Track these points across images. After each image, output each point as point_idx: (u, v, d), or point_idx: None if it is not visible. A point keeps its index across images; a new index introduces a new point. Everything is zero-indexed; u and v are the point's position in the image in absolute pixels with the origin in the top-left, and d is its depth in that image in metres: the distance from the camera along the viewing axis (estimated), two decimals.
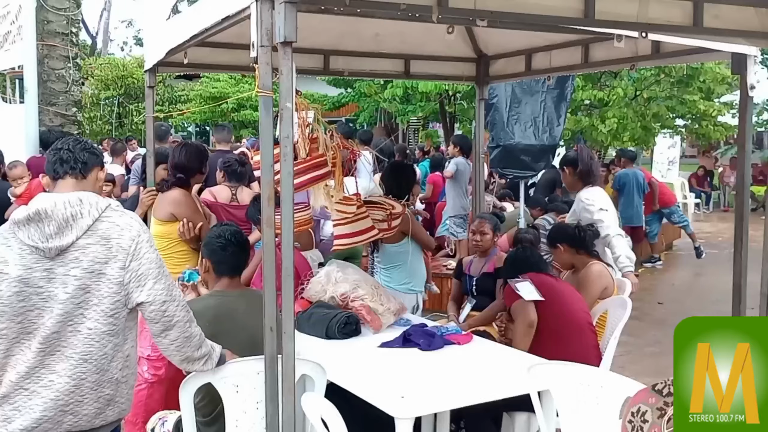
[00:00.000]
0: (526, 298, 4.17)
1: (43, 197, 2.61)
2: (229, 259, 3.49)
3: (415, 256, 5.23)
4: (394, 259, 5.19)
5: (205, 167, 4.83)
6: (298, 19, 2.79)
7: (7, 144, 8.11)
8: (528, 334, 4.19)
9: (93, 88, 20.96)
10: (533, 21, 3.61)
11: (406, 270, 5.19)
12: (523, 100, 7.59)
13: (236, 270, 3.53)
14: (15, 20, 9.34)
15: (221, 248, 3.50)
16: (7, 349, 2.57)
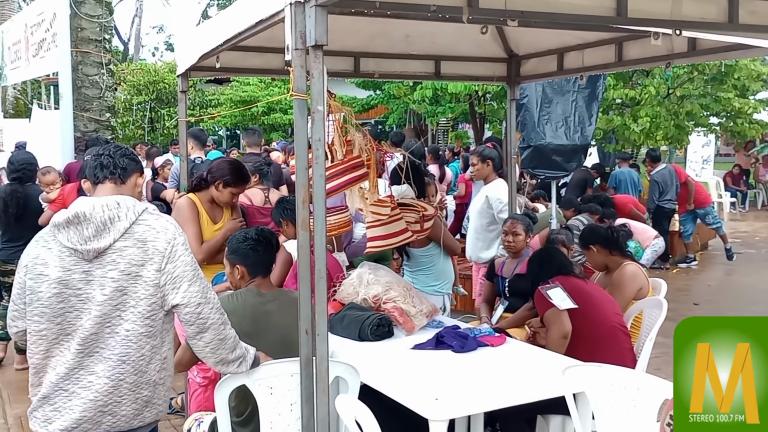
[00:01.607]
0: (561, 307, 4.12)
1: (82, 201, 2.65)
2: (263, 258, 3.53)
3: (442, 259, 5.23)
4: (420, 262, 5.22)
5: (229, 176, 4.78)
6: (328, 21, 2.80)
7: (44, 149, 8.25)
8: (562, 345, 4.12)
9: (125, 94, 21.23)
10: (564, 20, 3.59)
11: (432, 273, 5.21)
12: (554, 100, 7.52)
13: (268, 269, 3.57)
14: (50, 28, 9.51)
15: (252, 249, 3.52)
16: (47, 350, 2.62)
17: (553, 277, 4.31)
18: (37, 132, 10.04)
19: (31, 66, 10.87)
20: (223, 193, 4.70)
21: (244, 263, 3.54)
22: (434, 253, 5.16)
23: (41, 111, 12.58)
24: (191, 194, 4.81)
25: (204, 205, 4.75)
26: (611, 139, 12.43)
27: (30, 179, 6.61)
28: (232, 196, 4.75)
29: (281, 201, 5.05)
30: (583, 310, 4.17)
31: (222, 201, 4.75)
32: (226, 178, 4.68)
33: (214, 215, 4.77)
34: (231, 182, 4.68)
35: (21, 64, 11.67)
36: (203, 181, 4.80)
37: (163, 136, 20.69)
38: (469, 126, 15.89)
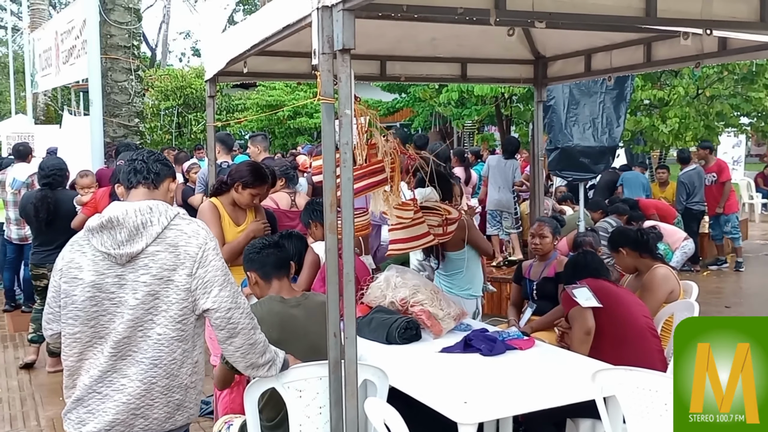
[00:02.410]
0: (583, 305, 4.11)
1: (115, 205, 2.68)
2: (268, 260, 3.50)
3: (474, 262, 5.22)
4: (455, 266, 5.19)
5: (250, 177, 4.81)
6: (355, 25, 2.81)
7: (74, 155, 8.36)
8: (585, 342, 4.12)
9: (153, 99, 21.45)
10: (592, 21, 3.57)
11: (467, 276, 5.19)
12: (581, 102, 7.47)
13: (280, 269, 3.51)
14: (79, 35, 9.64)
15: (256, 252, 3.53)
16: (81, 352, 2.65)
17: (583, 279, 4.29)
18: (68, 138, 10.18)
19: (61, 73, 11.03)
20: (243, 195, 4.74)
21: (252, 268, 3.56)
22: (469, 255, 5.14)
23: (72, 117, 12.77)
24: (213, 198, 4.86)
25: (226, 207, 4.79)
26: (639, 141, 12.32)
27: (60, 184, 6.70)
28: (252, 198, 4.77)
29: (311, 203, 5.08)
30: (610, 311, 4.15)
31: (242, 203, 4.79)
32: (244, 179, 4.72)
33: (236, 217, 4.81)
34: (249, 183, 4.72)
35: (51, 71, 11.85)
36: (224, 184, 4.85)
37: (191, 140, 20.88)
38: (495, 128, 15.84)
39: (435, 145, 8.92)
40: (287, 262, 3.56)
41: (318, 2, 2.89)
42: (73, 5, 10.95)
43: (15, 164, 8.96)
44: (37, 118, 17.71)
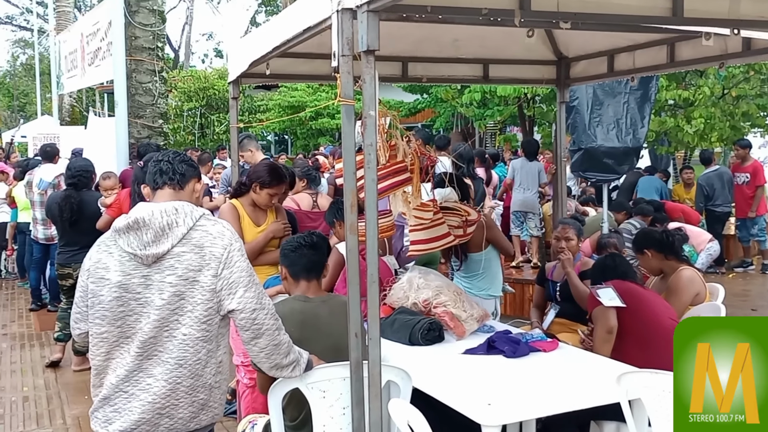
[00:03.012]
0: (606, 305, 4.09)
1: (141, 206, 2.71)
2: (300, 260, 3.50)
3: (494, 262, 5.21)
4: (475, 266, 5.19)
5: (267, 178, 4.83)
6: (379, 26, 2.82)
7: (99, 156, 8.44)
8: (608, 341, 4.10)
9: (176, 100, 21.63)
10: (618, 21, 3.55)
11: (487, 276, 5.18)
12: (605, 102, 7.42)
13: (310, 272, 3.51)
14: (105, 37, 9.73)
15: (292, 251, 3.54)
16: (107, 352, 2.68)
17: (610, 281, 4.27)
18: (93, 139, 10.27)
19: (86, 74, 11.13)
20: (261, 195, 4.76)
21: (284, 263, 3.57)
22: (491, 256, 5.14)
23: (97, 118, 12.88)
24: (233, 199, 4.89)
25: (246, 208, 4.82)
26: (664, 142, 12.21)
27: (86, 185, 6.77)
28: (270, 198, 4.79)
29: (336, 202, 5.08)
30: (636, 313, 4.12)
31: (261, 203, 4.81)
32: (262, 179, 4.75)
33: (257, 218, 4.83)
34: (267, 183, 4.74)
35: (77, 73, 11.96)
36: (243, 185, 4.88)
37: (213, 141, 21.01)
38: (518, 129, 15.78)
39: (458, 146, 8.92)
40: (319, 265, 3.54)
41: (338, 5, 2.90)
42: (99, 7, 11.06)
43: (42, 165, 9.07)
44: (62, 119, 17.94)
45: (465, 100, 12.37)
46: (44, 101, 26.34)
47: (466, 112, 13.72)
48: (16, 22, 42.68)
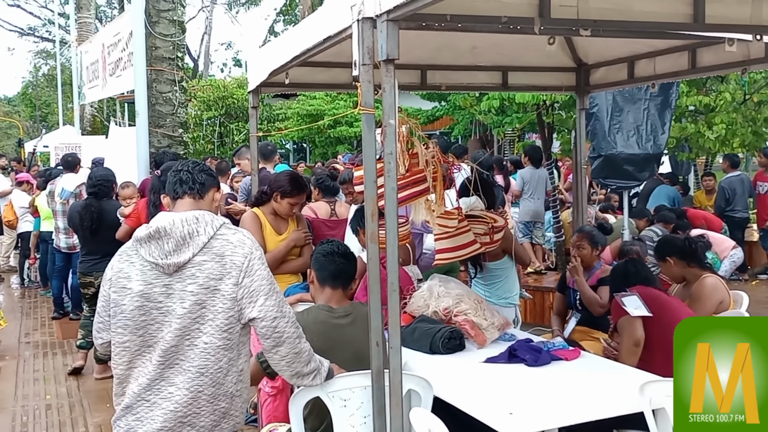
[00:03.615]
0: (632, 314, 4.05)
1: (162, 216, 2.73)
2: (328, 266, 3.52)
3: (512, 270, 5.21)
4: (494, 275, 5.19)
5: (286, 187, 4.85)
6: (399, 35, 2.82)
7: (121, 165, 8.52)
8: (634, 353, 4.05)
9: (196, 109, 21.77)
10: (639, 28, 3.53)
11: (505, 285, 5.17)
12: (625, 108, 7.39)
13: (336, 279, 3.52)
14: (126, 47, 9.84)
15: (323, 255, 3.56)
16: (130, 361, 2.70)
17: (633, 287, 4.23)
18: (114, 148, 10.39)
19: (108, 85, 11.26)
20: (281, 204, 4.79)
21: (314, 266, 3.59)
22: (508, 265, 5.13)
23: (118, 128, 13.02)
24: (255, 208, 4.92)
25: (268, 217, 4.84)
26: (684, 148, 12.10)
27: (106, 194, 6.83)
28: (291, 207, 4.82)
29: (360, 210, 5.08)
30: (660, 321, 4.08)
31: (282, 212, 4.83)
32: (282, 188, 4.78)
33: (278, 227, 4.86)
34: (288, 192, 4.78)
35: (98, 83, 12.10)
36: (264, 194, 4.91)
37: (232, 150, 21.12)
38: (537, 136, 15.70)
39: (478, 154, 8.91)
40: (346, 275, 3.55)
41: (358, 14, 2.91)
42: (120, 18, 11.20)
43: (64, 174, 9.17)
44: (83, 129, 18.11)
45: (483, 107, 12.32)
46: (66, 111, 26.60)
47: (484, 119, 13.67)
48: (39, 34, 43.29)
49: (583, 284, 5.04)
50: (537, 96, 11.10)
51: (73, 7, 19.37)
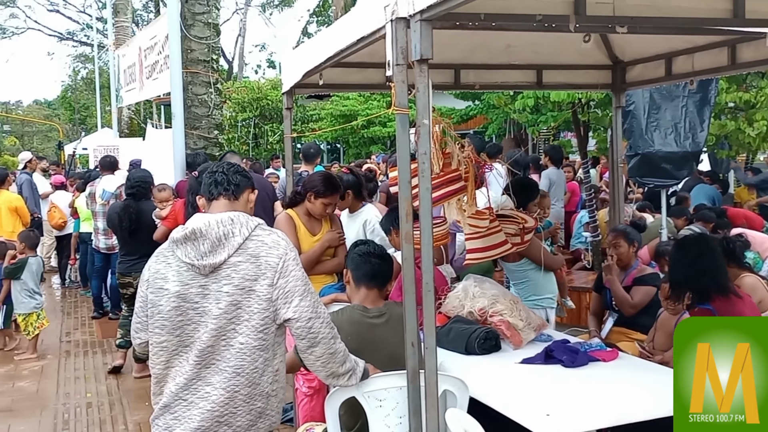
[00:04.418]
0: None
1: (198, 217, 2.75)
2: (364, 266, 3.52)
3: (536, 273, 5.17)
4: (515, 276, 5.22)
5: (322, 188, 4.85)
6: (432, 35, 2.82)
7: (157, 167, 8.62)
8: None
9: (231, 111, 21.99)
10: (676, 24, 3.48)
11: (528, 286, 5.16)
12: (662, 106, 7.27)
13: (372, 280, 3.52)
14: (162, 50, 9.95)
15: (359, 255, 3.57)
16: (167, 360, 2.73)
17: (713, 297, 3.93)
18: (151, 150, 10.52)
19: (145, 87, 11.40)
20: (315, 205, 4.81)
21: (349, 266, 3.60)
22: (528, 268, 5.11)
23: (154, 130, 13.19)
24: (289, 209, 4.94)
25: (302, 218, 4.86)
26: (724, 145, 11.88)
27: (144, 196, 6.92)
28: (325, 207, 4.83)
29: (393, 210, 5.08)
30: None
31: (316, 212, 4.85)
32: (316, 189, 4.79)
33: (312, 227, 4.88)
34: (321, 192, 4.79)
35: (135, 86, 12.26)
36: (298, 194, 4.93)
37: (267, 151, 21.30)
38: (572, 134, 15.55)
39: (512, 153, 8.84)
40: (382, 276, 3.55)
41: (392, 14, 2.91)
42: (156, 22, 11.33)
43: (103, 176, 9.32)
44: (121, 131, 18.41)
45: (518, 106, 12.25)
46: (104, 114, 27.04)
47: (519, 118, 13.58)
48: (77, 38, 44.13)
49: (614, 283, 4.98)
50: (572, 94, 10.99)
51: (111, 12, 19.69)
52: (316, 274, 4.69)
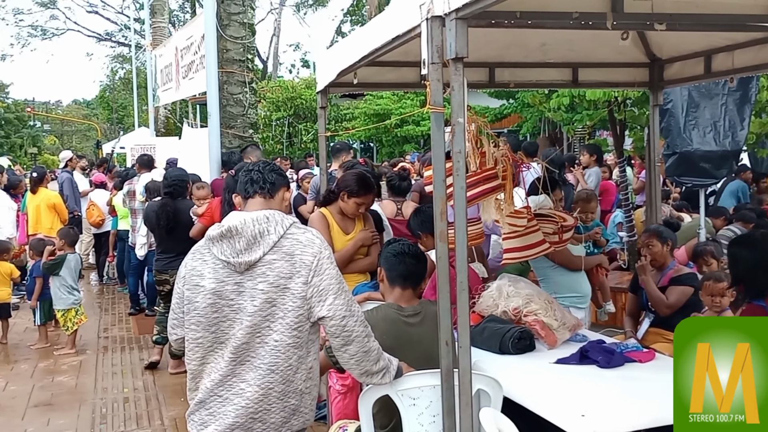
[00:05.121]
0: None
1: (234, 215, 2.78)
2: (399, 267, 3.53)
3: (554, 271, 5.15)
4: (537, 272, 5.23)
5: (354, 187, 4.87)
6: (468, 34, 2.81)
7: (193, 165, 8.73)
8: None
9: (265, 110, 22.15)
10: (717, 21, 3.42)
11: (548, 285, 5.13)
12: (701, 104, 7.15)
13: (407, 280, 3.53)
14: (198, 50, 10.07)
15: (393, 255, 3.57)
16: (203, 357, 2.76)
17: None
18: (187, 149, 10.64)
19: (181, 87, 11.54)
20: (348, 204, 4.82)
21: (383, 266, 3.61)
22: (546, 265, 5.09)
23: (190, 129, 13.33)
24: (323, 208, 4.96)
25: (335, 216, 4.88)
26: (765, 144, 11.65)
27: (181, 194, 7.01)
28: (358, 207, 4.84)
29: (418, 212, 5.07)
30: None
31: (349, 212, 4.86)
32: (350, 188, 4.81)
33: (345, 226, 4.89)
34: (355, 192, 4.80)
35: (172, 86, 12.42)
36: (332, 193, 4.94)
37: (300, 150, 21.42)
38: (608, 133, 15.38)
39: (548, 151, 8.77)
40: (416, 276, 3.56)
41: (427, 13, 2.91)
42: (192, 23, 11.46)
43: (141, 174, 9.45)
44: (157, 130, 18.66)
45: (553, 104, 12.16)
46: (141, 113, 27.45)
47: (554, 116, 13.48)
48: (115, 39, 44.83)
49: (649, 283, 4.93)
50: (608, 92, 10.87)
51: (148, 13, 19.97)
52: (349, 272, 4.71)
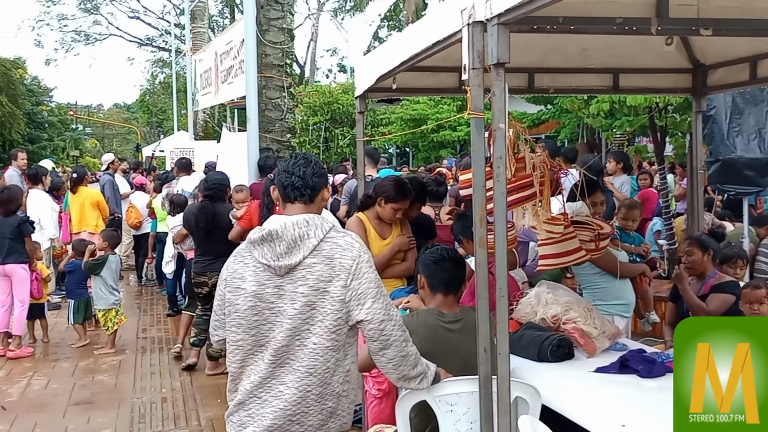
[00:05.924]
0: None
1: (274, 219, 2.80)
2: (441, 274, 3.52)
3: (591, 278, 5.09)
4: (581, 279, 5.19)
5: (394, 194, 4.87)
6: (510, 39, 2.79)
7: (231, 169, 8.82)
8: None
9: (302, 115, 22.30)
10: (764, 26, 3.34)
11: (589, 291, 5.09)
12: (745, 111, 7.03)
13: (449, 286, 3.53)
14: (237, 55, 10.19)
15: (434, 262, 3.56)
16: (243, 359, 2.78)
17: None
18: (226, 152, 10.76)
19: (220, 92, 11.68)
20: (385, 209, 4.82)
21: (424, 273, 3.60)
22: (590, 272, 5.02)
23: (229, 133, 13.47)
24: (360, 213, 4.96)
25: (372, 221, 4.88)
26: None
27: (220, 198, 7.08)
28: (395, 212, 4.84)
29: (462, 217, 5.05)
30: None
31: (386, 217, 4.86)
32: (387, 194, 4.81)
33: (382, 231, 4.89)
34: (392, 198, 4.80)
35: (211, 90, 12.58)
36: (369, 198, 4.95)
37: (337, 154, 21.51)
38: (647, 140, 15.20)
39: (587, 158, 8.69)
40: (458, 281, 3.56)
41: (469, 18, 2.90)
42: (231, 28, 11.60)
43: (180, 177, 9.57)
44: (196, 134, 18.89)
45: (592, 110, 12.05)
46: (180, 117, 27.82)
47: (593, 122, 13.36)
48: (156, 44, 45.52)
49: (686, 291, 4.86)
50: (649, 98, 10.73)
51: (188, 18, 20.24)
52: (386, 277, 4.70)
